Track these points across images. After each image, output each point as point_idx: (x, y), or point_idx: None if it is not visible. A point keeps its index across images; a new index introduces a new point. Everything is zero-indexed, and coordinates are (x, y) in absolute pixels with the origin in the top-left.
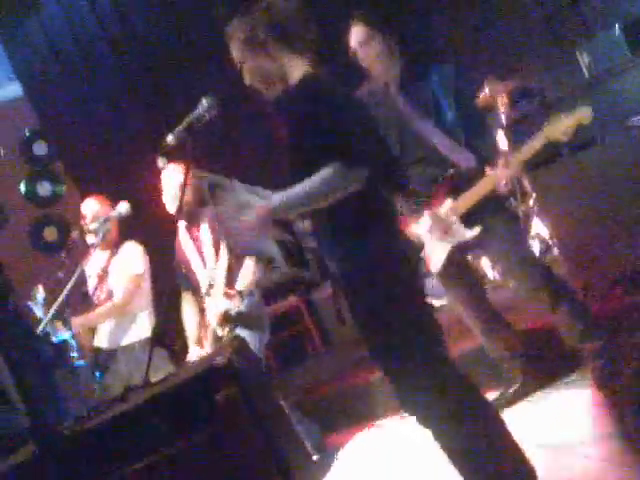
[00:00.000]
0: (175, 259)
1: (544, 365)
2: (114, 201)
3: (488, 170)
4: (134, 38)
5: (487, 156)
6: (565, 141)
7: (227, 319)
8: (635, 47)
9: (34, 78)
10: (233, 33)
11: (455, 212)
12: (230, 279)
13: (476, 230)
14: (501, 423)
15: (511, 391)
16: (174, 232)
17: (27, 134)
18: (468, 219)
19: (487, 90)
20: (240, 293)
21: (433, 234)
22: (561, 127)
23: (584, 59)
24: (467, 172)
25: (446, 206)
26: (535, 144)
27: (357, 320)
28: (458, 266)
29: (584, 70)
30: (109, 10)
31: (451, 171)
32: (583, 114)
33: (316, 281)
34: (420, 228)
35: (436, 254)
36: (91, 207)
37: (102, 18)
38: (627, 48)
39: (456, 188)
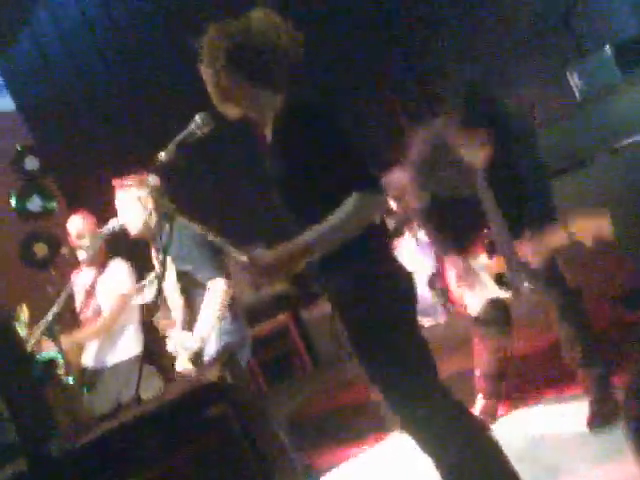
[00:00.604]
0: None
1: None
2: (105, 217)
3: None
4: (127, 53)
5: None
6: (590, 245)
7: (198, 362)
8: (626, 67)
9: (26, 92)
10: (201, 55)
11: (489, 270)
12: (190, 316)
13: (508, 293)
14: (490, 440)
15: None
16: None
17: (18, 148)
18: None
19: None
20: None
21: (466, 281)
22: (586, 231)
23: (575, 79)
24: None
25: (481, 260)
26: (561, 239)
27: (351, 339)
28: (494, 313)
29: (575, 90)
30: (102, 26)
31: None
32: (606, 227)
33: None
34: (453, 271)
35: (472, 301)
36: (75, 224)
37: (95, 33)
38: (618, 68)
39: (493, 245)
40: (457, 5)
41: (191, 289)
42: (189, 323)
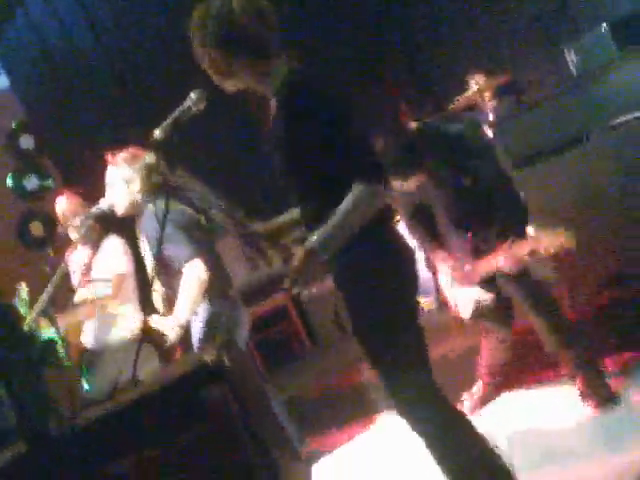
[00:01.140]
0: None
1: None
2: (102, 195)
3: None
4: (122, 32)
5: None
6: (545, 255)
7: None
8: (622, 45)
9: (21, 70)
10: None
11: (476, 272)
12: (169, 304)
13: (491, 296)
14: (472, 429)
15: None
16: None
17: (14, 127)
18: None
19: (473, 86)
20: (181, 327)
21: (453, 282)
22: (547, 241)
23: (571, 57)
24: None
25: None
26: (528, 247)
27: (353, 321)
28: (490, 313)
29: (571, 68)
30: (97, 4)
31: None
32: (570, 241)
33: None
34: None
35: (462, 303)
36: (61, 205)
37: (90, 12)
38: (614, 46)
39: (477, 250)
40: None
41: (168, 273)
42: (168, 308)
